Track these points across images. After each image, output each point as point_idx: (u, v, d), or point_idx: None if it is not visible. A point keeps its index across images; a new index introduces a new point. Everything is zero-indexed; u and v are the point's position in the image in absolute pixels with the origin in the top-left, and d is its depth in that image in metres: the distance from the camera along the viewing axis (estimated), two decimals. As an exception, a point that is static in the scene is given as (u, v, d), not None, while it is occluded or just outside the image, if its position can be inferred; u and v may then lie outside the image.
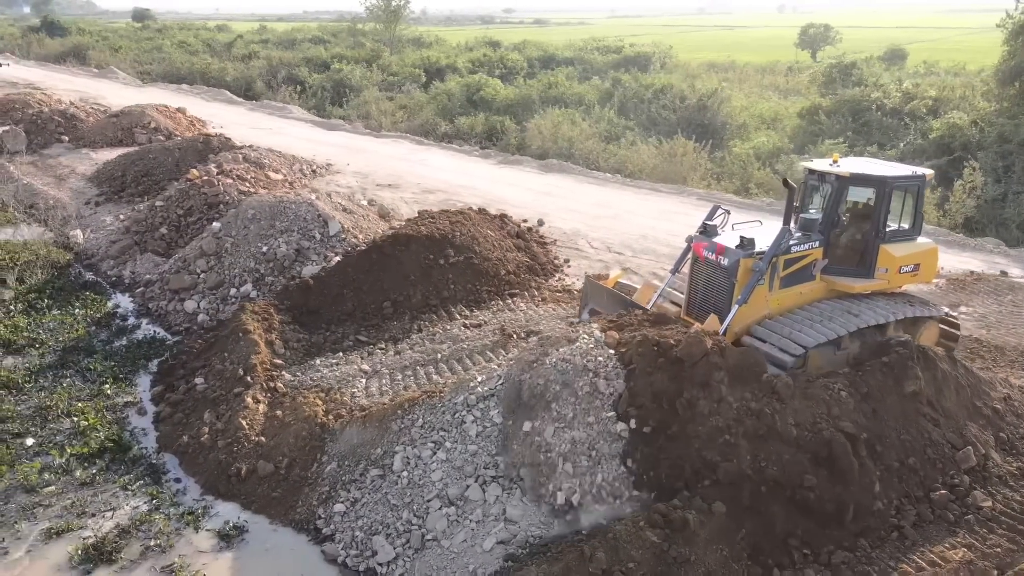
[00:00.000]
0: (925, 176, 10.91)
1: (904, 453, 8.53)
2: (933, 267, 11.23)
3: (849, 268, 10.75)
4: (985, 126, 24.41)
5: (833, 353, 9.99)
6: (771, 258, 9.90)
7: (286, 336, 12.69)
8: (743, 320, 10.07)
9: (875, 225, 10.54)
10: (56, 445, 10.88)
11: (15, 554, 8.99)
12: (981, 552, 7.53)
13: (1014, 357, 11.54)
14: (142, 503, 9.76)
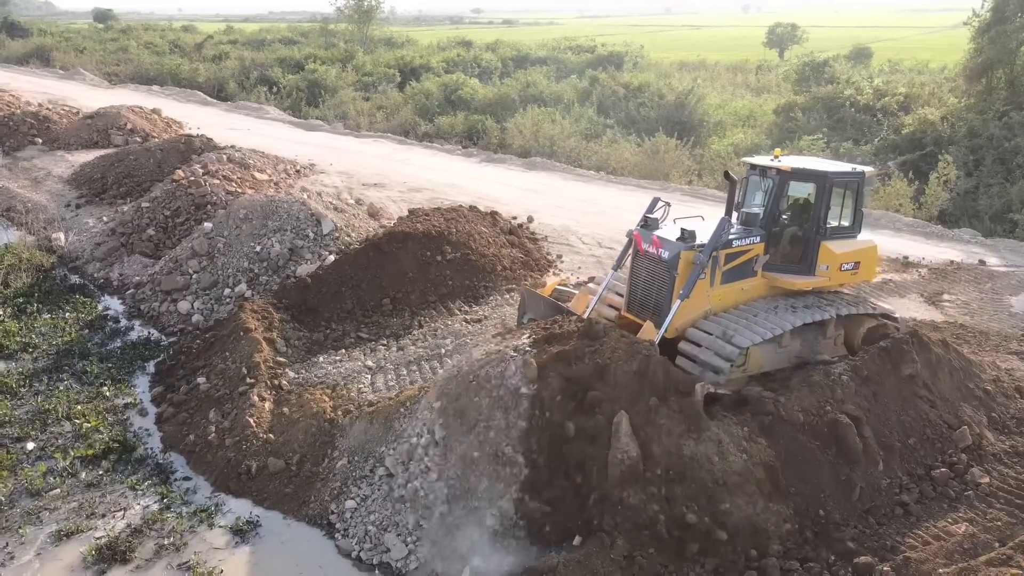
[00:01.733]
0: (864, 173, 10.84)
1: (904, 433, 8.87)
2: (873, 265, 11.15)
3: (790, 265, 10.62)
4: (955, 121, 25.14)
5: (775, 351, 10.02)
6: (712, 250, 9.69)
7: (287, 334, 12.70)
8: (684, 316, 9.88)
9: (815, 221, 10.43)
10: (59, 448, 10.80)
11: (23, 557, 8.94)
12: (982, 526, 7.87)
13: (998, 342, 11.98)
14: (152, 502, 9.76)
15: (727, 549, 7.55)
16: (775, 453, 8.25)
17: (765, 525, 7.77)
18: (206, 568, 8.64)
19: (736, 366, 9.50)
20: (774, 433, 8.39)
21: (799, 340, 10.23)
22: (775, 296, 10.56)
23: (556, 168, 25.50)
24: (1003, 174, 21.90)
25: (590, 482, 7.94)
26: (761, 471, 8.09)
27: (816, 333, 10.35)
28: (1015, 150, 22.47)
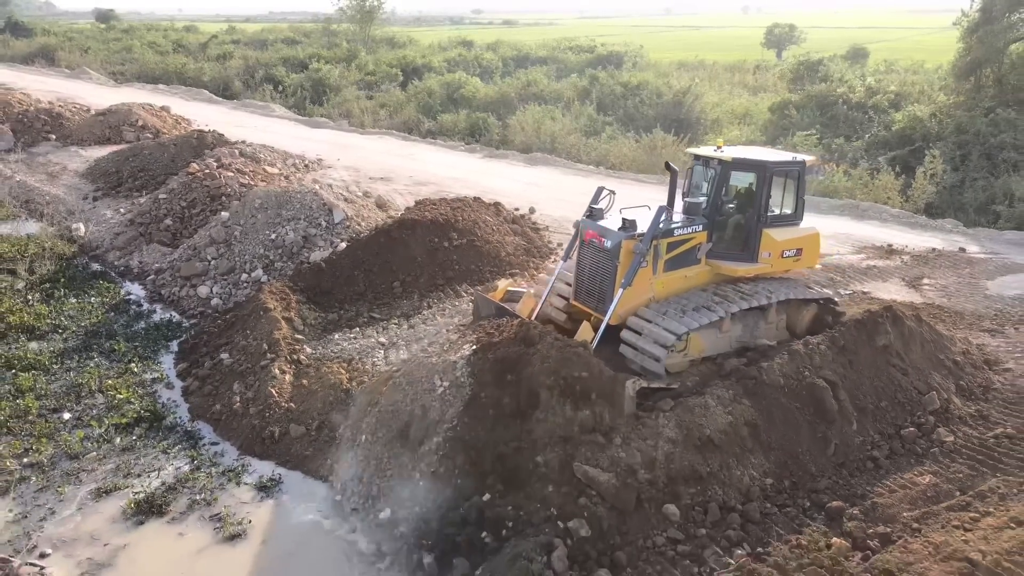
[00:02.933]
0: (805, 162, 11.01)
1: (877, 397, 9.65)
2: (816, 252, 11.37)
3: (733, 252, 10.83)
4: (943, 118, 25.94)
5: (715, 336, 10.34)
6: (651, 238, 9.85)
7: (303, 314, 13.47)
8: (627, 303, 10.08)
9: (757, 209, 10.64)
10: (94, 418, 11.58)
11: (64, 512, 9.69)
12: (945, 477, 8.65)
13: (971, 320, 12.75)
14: (183, 464, 10.55)
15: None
16: (758, 413, 9.04)
17: (747, 476, 8.55)
18: (235, 519, 9.42)
19: (676, 351, 9.85)
20: (757, 395, 9.18)
21: (740, 325, 10.56)
22: (718, 283, 10.85)
23: (557, 163, 26.29)
24: (988, 168, 22.68)
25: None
26: (745, 429, 8.88)
27: (757, 318, 10.69)
28: (1001, 145, 23.26)
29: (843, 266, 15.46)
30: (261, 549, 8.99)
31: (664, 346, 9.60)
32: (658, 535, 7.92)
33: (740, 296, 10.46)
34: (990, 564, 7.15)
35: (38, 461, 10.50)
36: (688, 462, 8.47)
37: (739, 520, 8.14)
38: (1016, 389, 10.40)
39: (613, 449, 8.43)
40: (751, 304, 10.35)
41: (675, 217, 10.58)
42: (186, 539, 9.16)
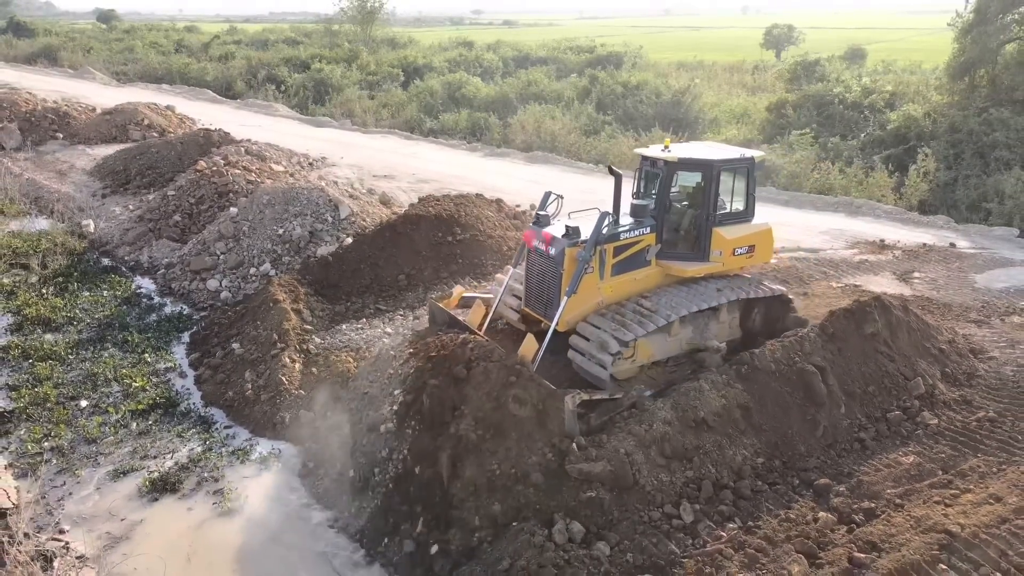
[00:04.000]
0: (754, 158, 10.90)
1: (865, 382, 10.06)
2: (769, 248, 11.34)
3: (684, 252, 10.74)
4: (937, 117, 26.33)
5: (664, 340, 10.30)
6: (593, 245, 9.74)
7: (311, 306, 13.88)
8: (575, 309, 10.02)
9: (705, 209, 10.59)
10: (111, 404, 11.99)
11: (83, 492, 10.12)
12: (928, 457, 9.05)
13: (959, 312, 13.16)
14: (196, 446, 10.98)
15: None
16: (750, 396, 9.44)
17: (740, 455, 8.97)
18: (236, 494, 9.92)
19: (624, 358, 9.83)
20: (749, 380, 9.58)
21: (690, 327, 10.52)
22: (669, 284, 10.75)
23: (556, 161, 26.70)
24: (981, 167, 23.08)
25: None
26: (738, 411, 9.29)
27: (708, 319, 10.66)
28: (993, 144, 23.64)
29: (836, 260, 15.88)
30: (255, 521, 9.50)
31: (610, 353, 9.54)
32: (654, 510, 8.33)
33: (690, 298, 10.37)
34: (968, 536, 7.55)
35: (58, 445, 10.92)
36: (682, 442, 8.88)
37: (731, 496, 8.55)
38: (999, 376, 10.81)
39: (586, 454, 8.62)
40: (699, 306, 10.27)
41: (622, 220, 10.48)
42: (193, 513, 9.64)
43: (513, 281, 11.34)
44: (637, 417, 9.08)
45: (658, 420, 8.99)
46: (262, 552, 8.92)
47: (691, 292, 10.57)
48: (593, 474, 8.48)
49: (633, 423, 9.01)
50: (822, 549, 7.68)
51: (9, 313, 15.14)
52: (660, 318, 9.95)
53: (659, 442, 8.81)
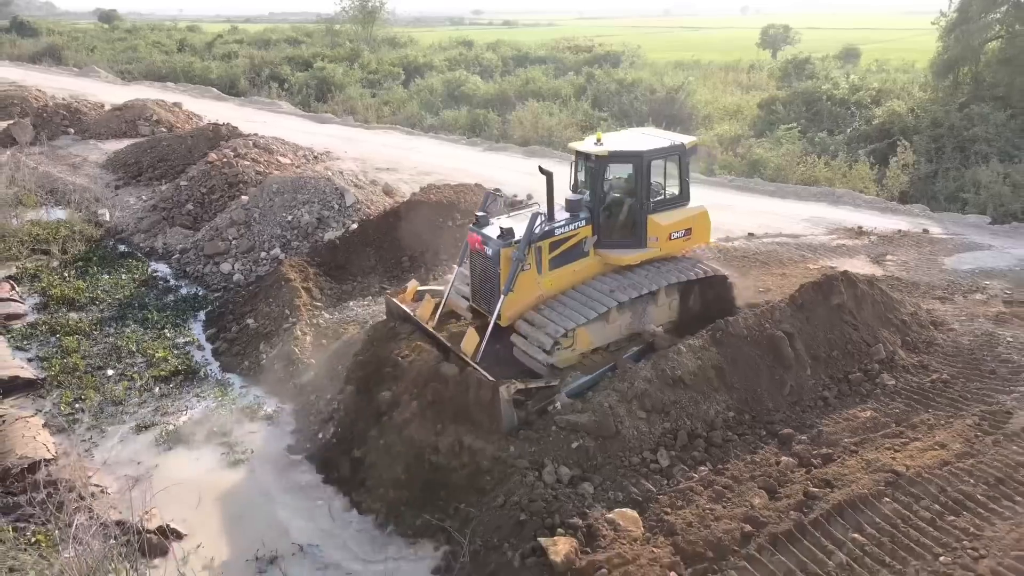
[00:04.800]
0: (684, 144, 11.14)
1: (829, 347, 10.99)
2: (706, 229, 11.69)
3: (621, 241, 11.04)
4: (920, 113, 27.27)
5: (603, 328, 10.70)
6: (526, 246, 10.06)
7: (320, 285, 14.84)
8: (516, 306, 10.44)
9: (638, 198, 10.90)
10: (135, 372, 12.95)
11: (108, 444, 11.16)
12: (883, 412, 9.98)
13: (925, 290, 14.09)
14: (211, 404, 12.03)
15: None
16: (724, 359, 10.37)
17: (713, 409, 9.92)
18: (243, 446, 11.03)
19: (563, 348, 10.27)
20: (723, 344, 10.50)
21: (629, 313, 10.89)
22: (608, 273, 11.11)
23: (554, 155, 27.59)
24: (961, 160, 24.00)
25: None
26: (712, 371, 10.22)
27: (646, 303, 11.02)
28: (973, 138, 24.58)
29: (815, 245, 16.82)
30: (257, 471, 10.56)
31: (545, 349, 10.03)
32: (634, 456, 9.26)
33: (625, 286, 10.78)
34: (912, 474, 8.47)
35: (87, 407, 11.88)
36: (661, 398, 9.81)
37: (704, 445, 9.49)
38: (956, 345, 11.74)
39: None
40: (630, 296, 10.66)
41: (558, 216, 10.74)
42: (200, 462, 10.72)
43: (459, 281, 11.70)
44: (620, 375, 10.01)
45: (639, 378, 9.92)
46: (262, 499, 9.91)
47: (627, 279, 10.95)
48: (579, 424, 9.41)
49: (616, 381, 9.94)
50: (782, 486, 8.60)
51: (35, 294, 16.09)
52: (594, 309, 10.41)
53: (640, 397, 9.74)
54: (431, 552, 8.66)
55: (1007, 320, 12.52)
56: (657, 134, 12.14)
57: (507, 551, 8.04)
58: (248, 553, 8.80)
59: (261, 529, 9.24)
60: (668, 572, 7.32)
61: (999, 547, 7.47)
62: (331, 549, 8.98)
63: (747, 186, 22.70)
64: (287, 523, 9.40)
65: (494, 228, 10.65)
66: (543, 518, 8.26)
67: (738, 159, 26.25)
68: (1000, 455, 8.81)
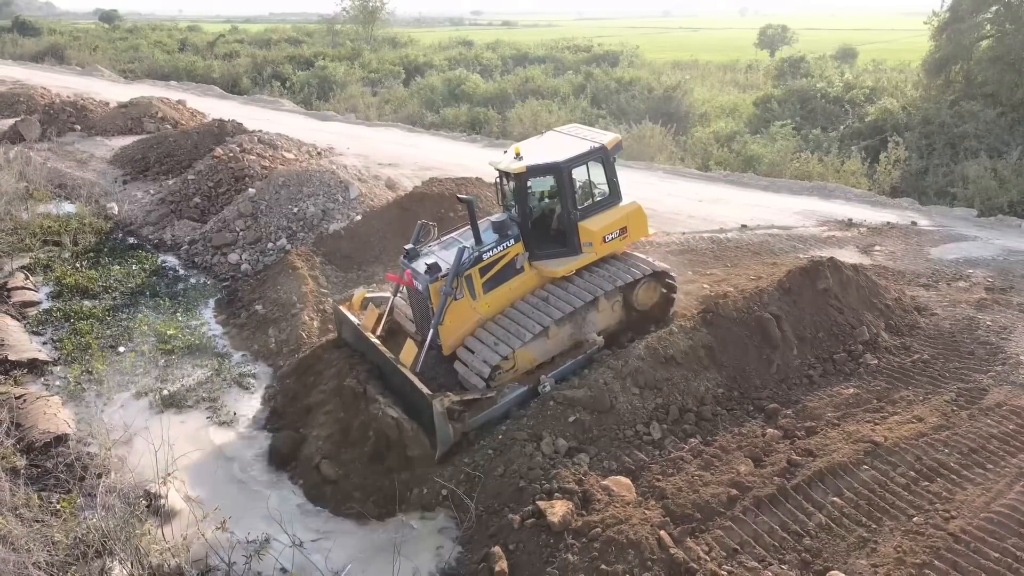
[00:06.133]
0: (606, 145, 11.00)
1: (815, 329, 11.49)
2: (642, 224, 11.58)
3: (556, 251, 10.97)
4: (912, 111, 27.80)
5: (543, 344, 10.67)
6: (453, 278, 10.10)
7: (326, 273, 15.35)
8: (455, 333, 10.54)
9: (565, 207, 10.79)
10: (146, 348, 13.52)
11: (110, 408, 11.88)
12: (866, 390, 10.48)
13: (911, 278, 14.59)
14: (208, 373, 12.69)
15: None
16: (714, 339, 10.88)
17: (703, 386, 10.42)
18: (228, 409, 11.78)
19: (504, 371, 10.28)
20: (713, 325, 11.02)
21: (569, 324, 10.81)
22: (547, 285, 11.07)
23: (552, 152, 28.11)
24: (951, 156, 24.52)
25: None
26: (702, 351, 10.73)
27: (587, 311, 10.93)
28: (963, 135, 25.11)
29: (806, 236, 17.31)
30: (239, 434, 11.30)
31: (484, 378, 10.09)
32: (628, 429, 9.76)
33: (561, 300, 10.76)
34: (890, 444, 8.98)
35: (96, 378, 12.50)
36: (653, 375, 10.31)
37: (694, 419, 9.99)
38: (938, 328, 12.25)
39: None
40: (572, 307, 10.62)
41: (486, 238, 10.76)
42: (186, 424, 11.46)
43: (403, 299, 11.84)
44: (615, 354, 10.52)
45: (633, 357, 10.43)
46: (241, 461, 10.56)
47: (563, 292, 10.91)
48: (576, 399, 9.91)
49: (611, 359, 10.45)
50: (767, 455, 9.10)
51: (49, 283, 16.58)
52: (530, 331, 10.42)
53: (633, 374, 10.24)
54: (438, 516, 9.14)
55: (988, 306, 13.02)
56: (577, 135, 11.76)
57: (508, 514, 8.52)
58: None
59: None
60: (658, 531, 7.80)
61: (969, 509, 7.98)
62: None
63: (741, 181, 23.21)
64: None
65: (421, 263, 10.71)
66: (541, 484, 8.76)
67: (733, 155, 26.75)
68: (974, 427, 9.33)
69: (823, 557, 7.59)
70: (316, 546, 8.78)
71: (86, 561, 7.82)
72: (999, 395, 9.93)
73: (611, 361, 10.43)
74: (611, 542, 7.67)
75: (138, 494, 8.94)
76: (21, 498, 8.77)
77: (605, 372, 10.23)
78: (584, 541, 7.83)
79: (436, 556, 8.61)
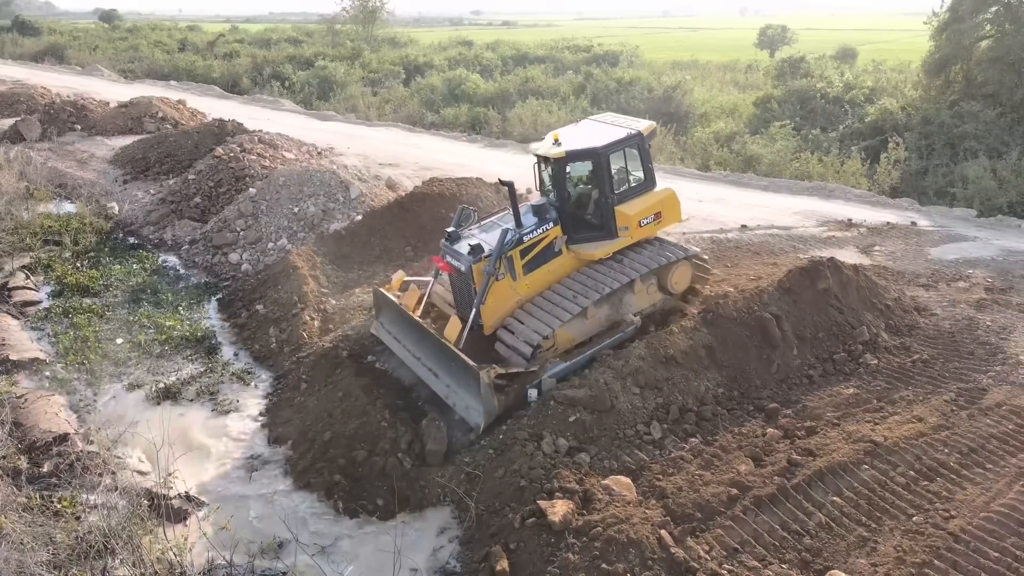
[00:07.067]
0: (642, 132, 11.37)
1: (815, 329, 11.51)
2: (676, 210, 11.93)
3: (593, 235, 11.32)
4: (912, 111, 27.81)
5: (581, 324, 10.99)
6: (497, 259, 10.40)
7: (327, 273, 15.36)
8: (496, 313, 10.86)
9: (602, 191, 11.16)
10: (144, 340, 13.59)
11: (103, 400, 11.95)
12: (866, 389, 10.50)
13: (910, 278, 14.60)
14: (202, 367, 12.80)
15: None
16: (714, 339, 10.90)
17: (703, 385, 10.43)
18: (231, 402, 11.86)
19: (544, 350, 10.56)
20: (714, 324, 11.04)
21: (606, 305, 11.16)
22: (584, 268, 11.38)
23: (552, 152, 28.15)
24: (950, 156, 24.54)
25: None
26: (703, 351, 10.74)
27: (623, 292, 11.25)
28: (963, 135, 25.12)
29: (806, 236, 17.32)
30: (238, 427, 11.34)
31: (526, 358, 10.33)
32: (628, 429, 9.78)
33: (599, 281, 11.08)
34: (890, 444, 9.00)
35: (90, 369, 12.60)
36: (654, 375, 10.33)
37: (694, 418, 10.02)
38: (938, 328, 12.26)
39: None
40: (610, 288, 10.95)
41: (525, 221, 11.07)
42: (187, 419, 11.50)
43: (441, 285, 12.26)
44: (615, 354, 10.54)
45: (633, 356, 10.45)
46: (243, 459, 10.60)
47: (600, 274, 11.22)
48: (576, 399, 9.93)
49: (611, 359, 10.47)
50: (767, 455, 9.13)
51: (50, 282, 16.61)
52: (569, 311, 10.75)
53: (634, 374, 10.26)
54: (438, 515, 9.16)
55: (987, 306, 13.04)
56: (614, 123, 12.07)
57: (508, 514, 8.54)
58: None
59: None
60: (659, 530, 7.83)
61: (969, 509, 8.00)
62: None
63: (741, 181, 23.23)
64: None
65: (464, 245, 11.03)
66: (542, 484, 8.78)
67: (733, 155, 26.77)
68: (974, 427, 9.35)
69: (823, 556, 7.62)
70: (318, 546, 8.79)
71: (87, 560, 7.83)
72: (998, 395, 9.95)
73: (611, 361, 10.45)
74: (612, 541, 7.69)
75: (139, 493, 8.94)
76: (22, 497, 8.78)
77: (605, 372, 10.25)
78: (585, 540, 7.85)
79: (437, 556, 8.62)
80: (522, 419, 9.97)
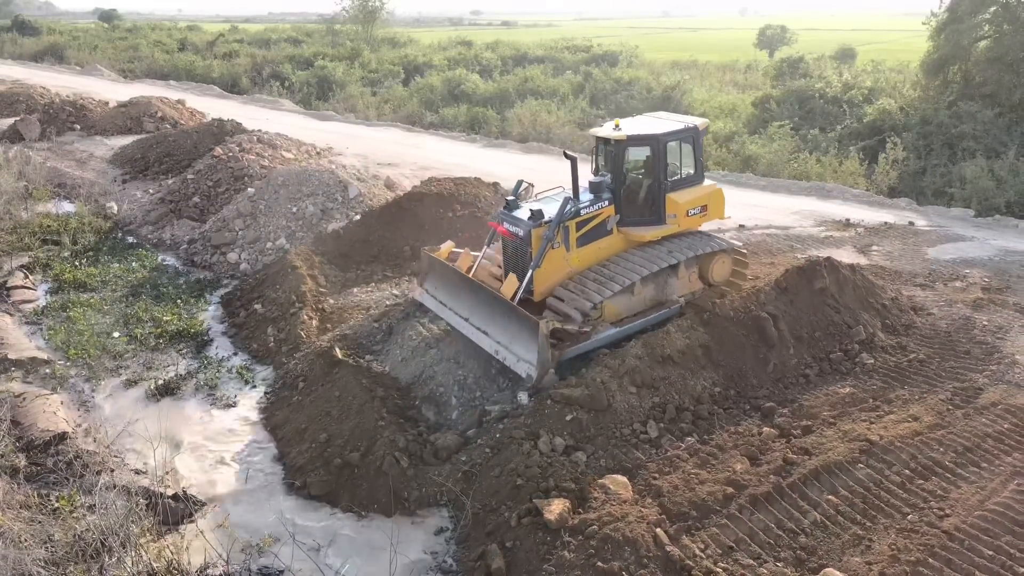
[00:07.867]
0: (697, 127, 12.03)
1: (812, 329, 11.54)
2: (720, 206, 12.60)
3: (642, 218, 11.87)
4: (910, 111, 27.84)
5: (628, 300, 11.52)
6: (557, 226, 10.95)
7: (325, 273, 15.36)
8: (547, 281, 11.29)
9: (656, 178, 11.72)
10: (141, 334, 13.64)
11: (100, 396, 12.00)
12: (862, 389, 10.53)
13: (908, 278, 14.65)
14: (198, 363, 12.93)
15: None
16: (711, 338, 10.93)
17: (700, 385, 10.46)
18: (228, 398, 11.89)
19: (593, 319, 11.02)
20: (710, 324, 11.07)
21: (652, 285, 11.76)
22: (631, 249, 11.94)
23: (551, 151, 28.15)
24: (948, 156, 24.57)
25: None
26: (699, 350, 10.77)
27: (668, 276, 11.87)
28: (961, 135, 25.15)
29: (803, 236, 17.37)
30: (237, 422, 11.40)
31: (577, 321, 10.77)
32: (624, 428, 9.80)
33: (648, 260, 11.58)
34: (885, 443, 9.03)
35: (87, 364, 12.67)
36: (651, 374, 10.35)
37: (691, 417, 10.04)
38: (934, 328, 12.31)
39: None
40: (651, 269, 11.44)
41: (582, 197, 11.63)
42: (184, 411, 11.61)
43: (487, 259, 12.62)
44: (611, 353, 10.56)
45: (630, 356, 10.47)
46: (241, 457, 10.60)
47: (648, 254, 11.74)
48: (573, 398, 9.95)
49: (608, 358, 10.49)
50: (763, 453, 9.16)
51: (48, 280, 16.64)
52: (619, 283, 11.19)
53: (630, 373, 10.29)
54: (435, 514, 9.19)
55: (984, 305, 13.09)
56: (671, 117, 12.87)
57: (505, 512, 8.57)
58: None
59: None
60: (655, 529, 7.85)
61: (964, 507, 8.04)
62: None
63: (739, 181, 23.26)
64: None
65: (524, 211, 11.55)
66: (538, 483, 8.79)
67: (731, 155, 26.80)
68: (969, 426, 9.39)
69: (818, 555, 7.65)
70: (316, 544, 8.81)
71: (85, 559, 7.86)
72: (994, 394, 9.99)
73: (608, 360, 10.47)
74: (608, 540, 7.72)
75: (137, 491, 8.96)
76: (21, 496, 8.81)
77: (602, 371, 10.27)
78: (581, 539, 7.88)
79: (433, 554, 8.65)
80: (519, 418, 9.99)
